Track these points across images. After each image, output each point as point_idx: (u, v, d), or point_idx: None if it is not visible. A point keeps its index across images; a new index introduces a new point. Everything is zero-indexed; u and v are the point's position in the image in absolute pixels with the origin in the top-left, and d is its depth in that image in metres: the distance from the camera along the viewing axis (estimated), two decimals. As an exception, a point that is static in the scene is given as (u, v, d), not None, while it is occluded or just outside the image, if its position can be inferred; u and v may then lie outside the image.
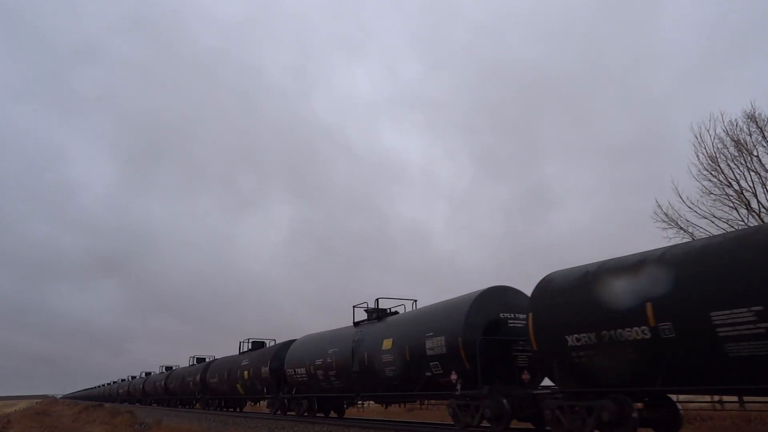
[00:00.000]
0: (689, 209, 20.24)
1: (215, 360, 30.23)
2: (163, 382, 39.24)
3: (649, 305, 7.83)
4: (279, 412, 19.98)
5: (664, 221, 20.74)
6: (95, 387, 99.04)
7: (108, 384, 79.61)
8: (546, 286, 9.95)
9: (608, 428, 8.45)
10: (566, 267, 9.93)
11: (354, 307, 16.14)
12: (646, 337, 7.84)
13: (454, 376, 11.32)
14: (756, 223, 18.13)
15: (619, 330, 8.19)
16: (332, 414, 18.69)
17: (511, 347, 10.98)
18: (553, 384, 9.84)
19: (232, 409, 27.77)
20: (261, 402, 25.39)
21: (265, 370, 20.76)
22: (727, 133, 19.94)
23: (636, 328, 7.97)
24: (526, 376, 10.80)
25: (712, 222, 19.85)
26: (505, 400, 10.12)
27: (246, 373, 22.58)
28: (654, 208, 21.09)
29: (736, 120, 19.82)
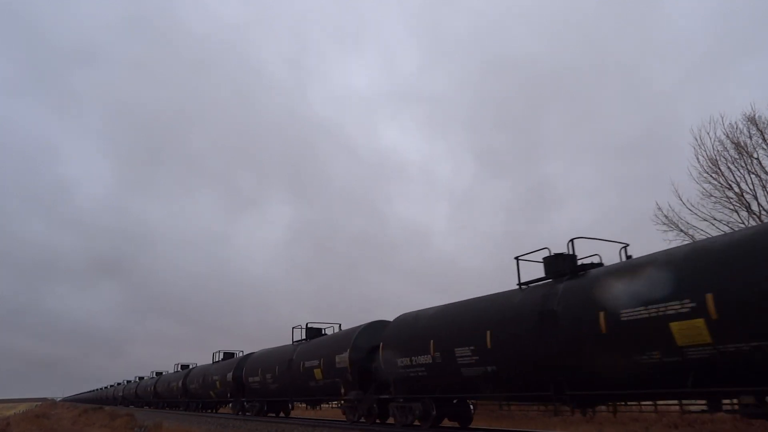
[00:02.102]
0: (690, 212, 20.24)
1: (195, 367, 34.65)
2: (152, 387, 43.28)
3: (432, 342, 12.23)
4: (240, 413, 24.40)
5: (664, 224, 20.71)
6: (94, 390, 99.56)
7: (107, 387, 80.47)
8: (392, 324, 14.59)
9: (420, 420, 13.08)
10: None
11: (293, 328, 20.55)
12: (429, 362, 12.33)
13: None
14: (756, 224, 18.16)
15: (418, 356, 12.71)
16: (281, 414, 23.13)
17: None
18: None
19: (209, 411, 31.80)
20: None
21: (229, 377, 25.01)
22: (728, 136, 19.95)
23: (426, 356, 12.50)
24: None
25: (713, 224, 19.85)
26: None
27: (217, 380, 26.88)
28: (654, 211, 21.04)
29: (736, 122, 19.90)
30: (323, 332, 20.32)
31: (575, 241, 10.38)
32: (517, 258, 11.18)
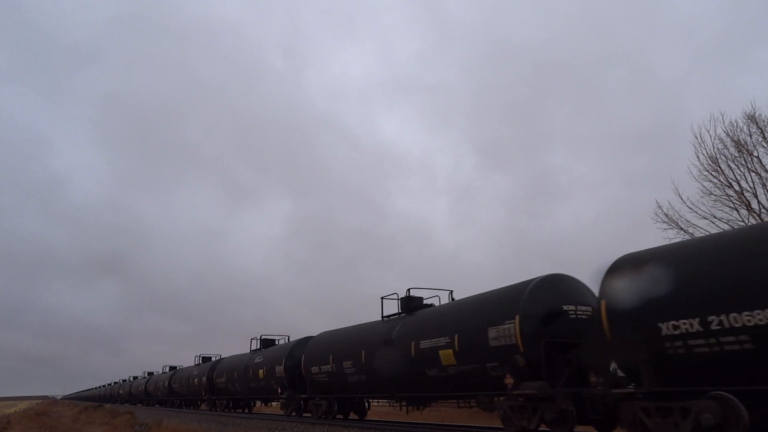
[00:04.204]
0: (689, 210, 20.33)
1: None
2: (143, 386, 46.96)
3: (330, 356, 16.08)
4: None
5: (664, 221, 20.87)
6: (95, 387, 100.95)
7: (108, 384, 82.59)
8: (312, 341, 18.26)
9: (325, 414, 16.32)
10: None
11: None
12: (330, 370, 16.03)
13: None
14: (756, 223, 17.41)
15: (323, 366, 15.93)
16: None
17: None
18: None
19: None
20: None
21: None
22: (728, 134, 20.03)
23: (327, 366, 16.06)
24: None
25: (713, 222, 19.99)
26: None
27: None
28: (654, 209, 21.18)
29: (736, 120, 20.00)
30: (276, 342, 24.90)
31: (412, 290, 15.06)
32: (382, 298, 15.96)
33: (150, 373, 51.41)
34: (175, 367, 42.18)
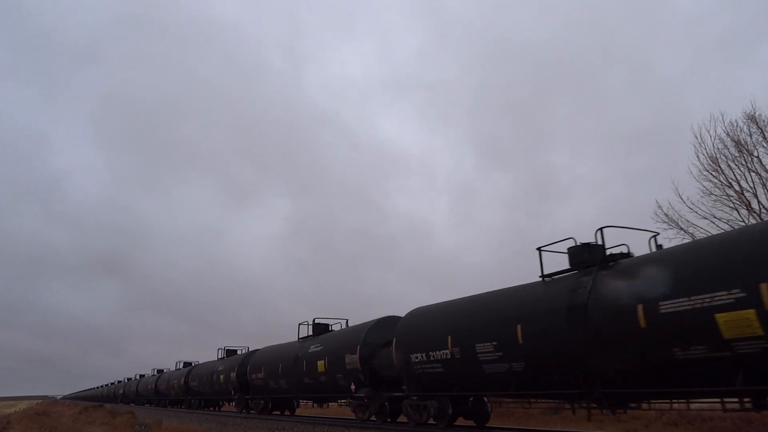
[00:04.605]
0: (689, 210, 20.24)
1: (197, 365, 34.21)
2: (153, 385, 42.92)
3: (450, 337, 11.68)
4: (244, 411, 23.99)
5: (664, 221, 20.69)
6: (95, 387, 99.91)
7: (108, 384, 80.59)
8: (406, 318, 14.13)
9: (435, 419, 12.63)
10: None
11: (299, 324, 20.28)
12: (447, 358, 11.76)
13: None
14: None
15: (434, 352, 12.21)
16: (286, 412, 22.77)
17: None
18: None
19: (212, 408, 31.21)
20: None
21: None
22: (728, 134, 20.02)
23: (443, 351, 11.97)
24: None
25: (713, 222, 19.87)
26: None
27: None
28: (654, 209, 21.00)
29: (736, 120, 19.96)
30: (330, 328, 19.93)
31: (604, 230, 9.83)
32: (539, 249, 10.67)
33: (160, 371, 47.35)
34: (190, 363, 37.94)
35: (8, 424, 33.50)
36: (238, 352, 28.69)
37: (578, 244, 10.08)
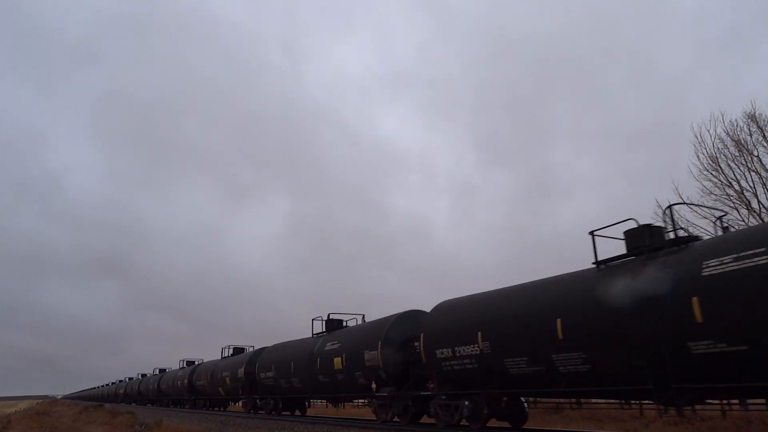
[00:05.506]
0: (689, 209, 20.00)
1: (202, 363, 33.16)
2: (156, 384, 41.96)
3: (479, 333, 10.81)
4: (252, 411, 23.07)
5: (664, 221, 20.63)
6: (95, 387, 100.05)
7: (108, 384, 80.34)
8: (433, 312, 13.01)
9: (468, 420, 11.58)
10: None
11: (313, 320, 19.30)
12: (476, 352, 10.86)
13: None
14: (757, 223, 17.94)
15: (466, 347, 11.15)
16: (296, 412, 21.94)
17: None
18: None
19: (217, 409, 30.59)
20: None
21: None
22: (728, 133, 20.09)
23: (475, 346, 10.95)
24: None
25: (713, 222, 19.63)
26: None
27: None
28: (654, 208, 20.83)
29: (736, 120, 20.01)
30: (344, 324, 18.94)
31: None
32: (592, 233, 9.68)
33: (162, 370, 46.92)
34: (194, 362, 37.51)
35: (8, 423, 33.14)
36: (246, 351, 27.82)
37: (639, 225, 9.10)
